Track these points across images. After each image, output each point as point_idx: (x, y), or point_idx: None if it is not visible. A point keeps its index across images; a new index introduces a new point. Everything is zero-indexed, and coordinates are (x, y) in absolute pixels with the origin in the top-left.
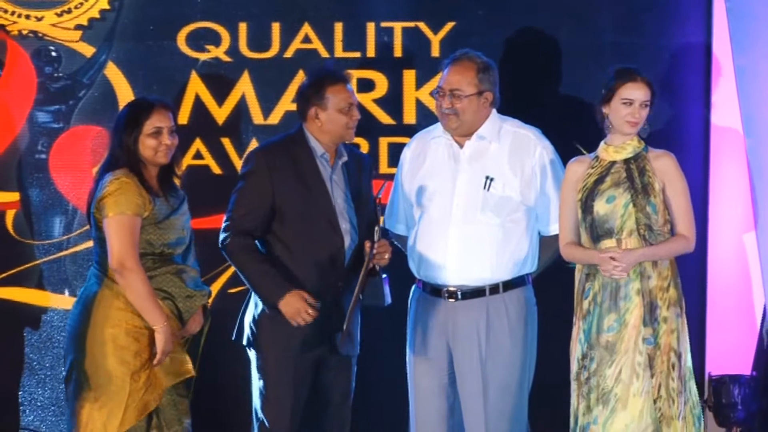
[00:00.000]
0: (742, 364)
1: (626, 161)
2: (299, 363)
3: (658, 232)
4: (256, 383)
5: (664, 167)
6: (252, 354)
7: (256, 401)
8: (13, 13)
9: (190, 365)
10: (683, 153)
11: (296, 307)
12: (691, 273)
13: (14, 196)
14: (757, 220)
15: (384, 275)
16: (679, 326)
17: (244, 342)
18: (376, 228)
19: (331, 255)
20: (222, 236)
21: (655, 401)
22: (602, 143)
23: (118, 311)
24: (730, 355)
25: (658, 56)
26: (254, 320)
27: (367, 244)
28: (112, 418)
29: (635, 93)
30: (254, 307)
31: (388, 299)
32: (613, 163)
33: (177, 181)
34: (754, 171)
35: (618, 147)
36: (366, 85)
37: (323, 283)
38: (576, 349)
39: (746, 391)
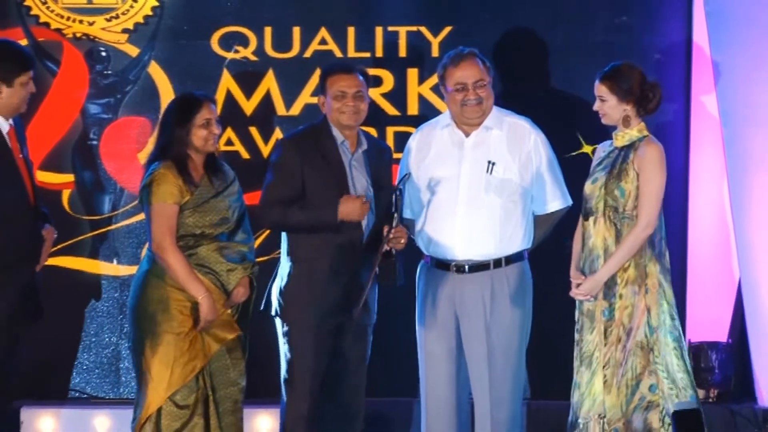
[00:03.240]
0: (719, 332)
1: (622, 148)
2: (320, 331)
3: (625, 215)
4: (283, 349)
5: (641, 155)
6: (279, 323)
7: (283, 366)
8: (68, 19)
9: (233, 329)
10: (666, 141)
11: (352, 207)
12: (673, 249)
13: (69, 178)
14: (732, 201)
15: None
16: (635, 303)
17: (272, 312)
18: (395, 215)
19: (349, 234)
20: (260, 211)
21: (604, 367)
22: (615, 131)
23: (165, 287)
24: (708, 323)
25: (644, 53)
26: (281, 292)
27: (386, 228)
28: (161, 381)
29: (596, 90)
30: (281, 279)
31: (402, 279)
32: (616, 149)
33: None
34: (730, 157)
35: (617, 134)
36: (374, 81)
37: (342, 259)
38: (576, 313)
39: (723, 356)
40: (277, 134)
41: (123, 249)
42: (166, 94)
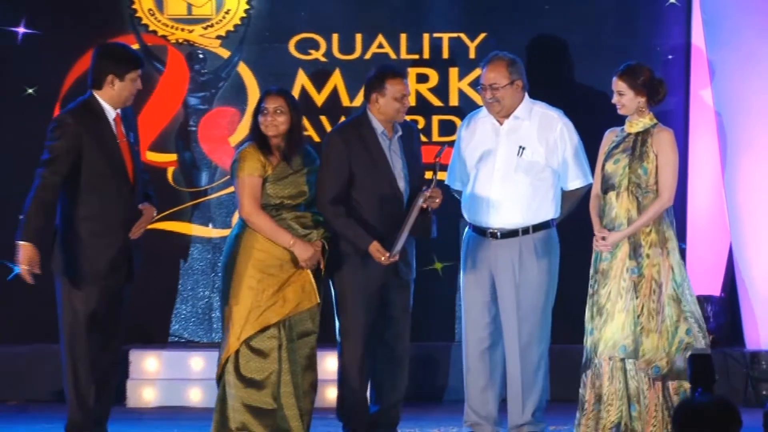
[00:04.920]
0: (714, 288)
1: (638, 134)
2: (368, 289)
3: (646, 190)
4: (336, 307)
5: (658, 140)
6: (331, 283)
7: (338, 320)
8: (172, 27)
9: (311, 300)
10: (669, 126)
11: (377, 256)
12: (676, 218)
13: (173, 157)
14: (725, 177)
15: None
16: (660, 262)
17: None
18: (434, 178)
19: (392, 209)
20: (319, 204)
21: (638, 317)
22: (627, 119)
23: (249, 249)
24: (704, 280)
25: (650, 54)
26: (334, 256)
27: (423, 188)
28: (237, 328)
29: (614, 86)
30: (334, 245)
31: (434, 233)
32: (630, 134)
33: None
34: (723, 141)
35: (632, 122)
36: (422, 78)
37: (387, 230)
38: (591, 271)
39: (716, 308)
40: (342, 121)
41: (215, 216)
42: (252, 90)
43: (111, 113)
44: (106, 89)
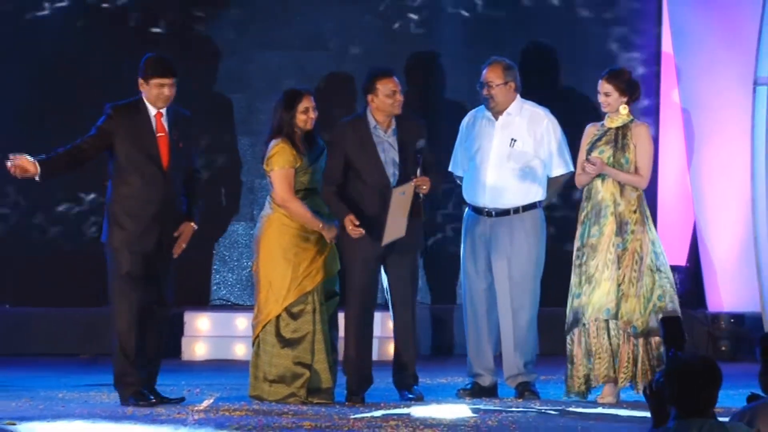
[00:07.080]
0: (680, 258)
1: (617, 128)
2: (364, 254)
3: None
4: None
5: (637, 133)
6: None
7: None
8: None
9: (337, 265)
10: (643, 121)
11: (348, 224)
12: (647, 198)
13: None
14: (689, 163)
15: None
16: (642, 238)
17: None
18: (418, 170)
19: (380, 191)
20: (322, 185)
21: (619, 285)
22: (607, 115)
23: (284, 226)
24: (671, 252)
25: (627, 60)
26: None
27: (412, 178)
28: (279, 297)
29: (601, 88)
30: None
31: (425, 214)
32: (610, 128)
33: None
34: (688, 133)
35: (612, 118)
36: None
37: (378, 210)
38: (577, 244)
39: (682, 276)
40: None
41: (258, 198)
42: None
43: (152, 110)
44: (142, 89)
